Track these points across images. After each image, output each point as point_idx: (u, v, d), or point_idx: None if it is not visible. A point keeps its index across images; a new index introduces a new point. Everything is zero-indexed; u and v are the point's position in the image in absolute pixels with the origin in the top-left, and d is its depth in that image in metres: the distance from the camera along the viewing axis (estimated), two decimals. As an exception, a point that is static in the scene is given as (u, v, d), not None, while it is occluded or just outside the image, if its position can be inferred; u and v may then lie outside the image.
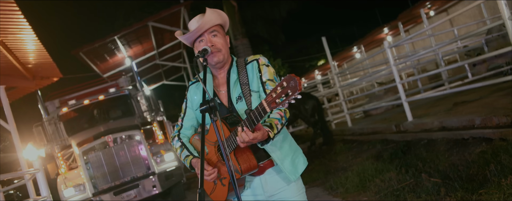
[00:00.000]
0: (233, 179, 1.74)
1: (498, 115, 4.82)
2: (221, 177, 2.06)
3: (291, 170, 2.09)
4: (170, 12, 13.19)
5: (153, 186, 8.09)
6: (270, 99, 1.70)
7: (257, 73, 2.12)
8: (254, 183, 2.14)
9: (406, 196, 4.02)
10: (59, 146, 9.34)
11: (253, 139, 1.81)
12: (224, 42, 2.15)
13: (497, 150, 4.03)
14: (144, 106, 10.09)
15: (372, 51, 25.37)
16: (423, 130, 6.36)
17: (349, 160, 6.96)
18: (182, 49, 18.47)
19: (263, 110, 1.74)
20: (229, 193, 2.02)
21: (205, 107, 1.81)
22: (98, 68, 15.54)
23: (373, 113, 11.28)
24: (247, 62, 2.17)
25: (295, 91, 1.61)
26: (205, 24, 2.08)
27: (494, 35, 8.15)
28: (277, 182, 2.12)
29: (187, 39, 2.16)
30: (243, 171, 1.94)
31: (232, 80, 2.13)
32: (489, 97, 6.74)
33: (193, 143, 2.25)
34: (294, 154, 2.15)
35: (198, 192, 1.61)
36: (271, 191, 2.12)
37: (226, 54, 2.14)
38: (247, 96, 2.07)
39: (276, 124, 1.96)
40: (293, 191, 2.12)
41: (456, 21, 16.09)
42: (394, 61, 7.26)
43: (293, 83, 1.61)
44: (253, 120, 1.80)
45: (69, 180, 8.12)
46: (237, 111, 2.09)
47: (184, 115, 2.28)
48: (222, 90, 2.17)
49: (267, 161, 2.10)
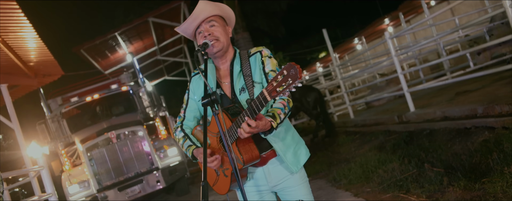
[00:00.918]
0: (236, 169, 1.74)
1: (500, 103, 4.81)
2: (223, 168, 2.07)
3: (293, 162, 2.10)
4: (170, 7, 13.16)
5: (157, 181, 8.13)
6: (271, 88, 1.70)
7: (260, 65, 2.12)
8: (257, 174, 2.15)
9: (409, 186, 4.02)
10: (62, 143, 9.39)
11: (254, 127, 1.81)
12: (223, 31, 2.14)
13: (499, 139, 4.03)
14: (146, 101, 10.12)
15: (373, 42, 25.27)
16: (425, 120, 6.36)
17: (352, 151, 6.97)
18: (183, 44, 18.45)
19: (264, 99, 1.75)
20: (231, 184, 2.03)
21: (207, 100, 1.81)
22: (100, 65, 15.56)
23: (375, 104, 11.27)
24: (250, 54, 2.17)
25: (295, 79, 1.62)
26: (199, 13, 2.10)
27: (495, 23, 8.09)
28: (280, 172, 2.13)
29: (184, 30, 2.18)
30: (245, 161, 1.94)
31: (235, 72, 2.14)
32: (491, 86, 6.72)
33: (196, 135, 2.26)
34: (297, 146, 2.16)
35: (202, 185, 1.62)
36: (275, 181, 2.13)
37: (225, 42, 2.13)
38: (250, 88, 2.08)
39: (279, 114, 1.96)
40: (296, 180, 2.14)
41: (457, 10, 15.99)
42: (395, 51, 7.23)
43: (293, 71, 1.62)
44: (254, 110, 1.80)
45: (74, 176, 8.17)
46: (239, 102, 2.09)
47: (186, 106, 2.29)
48: (225, 82, 2.18)
49: (270, 152, 2.10)
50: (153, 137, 9.23)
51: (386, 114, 8.32)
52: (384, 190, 4.28)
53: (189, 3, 13.82)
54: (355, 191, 4.73)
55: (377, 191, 4.36)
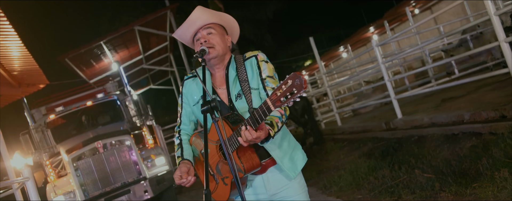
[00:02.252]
0: (237, 178, 1.71)
1: (487, 109, 4.90)
2: (223, 176, 2.04)
3: (290, 167, 2.08)
4: (156, 16, 13.11)
5: (144, 191, 8.00)
6: (275, 97, 1.68)
7: (256, 70, 2.10)
8: (256, 182, 2.12)
9: (401, 192, 4.04)
10: (47, 154, 9.20)
11: (256, 138, 1.79)
12: (220, 40, 2.12)
13: (487, 144, 4.09)
14: (133, 111, 10.00)
15: (358, 50, 25.55)
16: (413, 127, 6.43)
17: (341, 159, 6.99)
18: (169, 53, 18.35)
19: (268, 108, 1.73)
20: (231, 192, 2.01)
21: (207, 107, 1.79)
22: (84, 74, 15.35)
23: (361, 112, 11.37)
24: (245, 58, 2.15)
25: (300, 89, 1.60)
26: (195, 20, 2.09)
27: (477, 32, 8.28)
28: (279, 181, 2.11)
29: (181, 36, 2.17)
30: (246, 169, 1.93)
31: (231, 77, 2.12)
32: (476, 92, 6.85)
33: (194, 143, 2.23)
34: (293, 151, 2.15)
35: (204, 193, 1.59)
36: (274, 189, 2.11)
37: (220, 51, 2.10)
38: (247, 94, 2.06)
39: (277, 122, 1.95)
40: (295, 189, 2.12)
41: (440, 19, 16.30)
42: (382, 59, 7.31)
43: (299, 81, 1.60)
44: (257, 119, 1.78)
45: (59, 187, 7.99)
46: (237, 109, 2.07)
47: (181, 110, 2.28)
48: (221, 88, 2.16)
49: (269, 160, 2.09)
50: (140, 146, 9.10)
51: (373, 121, 8.39)
52: (376, 197, 4.29)
53: (175, 11, 13.80)
54: (347, 198, 4.73)
55: (369, 198, 4.37)
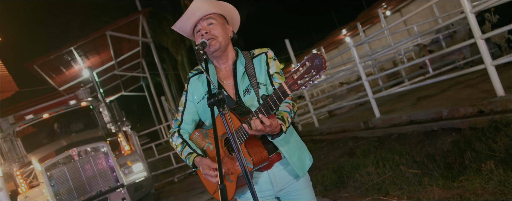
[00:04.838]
0: (246, 172, 1.63)
1: (464, 105, 5.02)
2: (228, 173, 1.97)
3: (299, 166, 2.03)
4: (128, 21, 12.89)
5: (122, 198, 7.81)
6: (291, 81, 1.61)
7: (265, 66, 2.06)
8: (262, 179, 2.06)
9: (388, 188, 4.08)
10: (17, 164, 8.84)
11: (269, 125, 1.72)
12: (222, 30, 2.05)
13: (469, 139, 4.18)
14: (107, 117, 9.76)
15: (331, 53, 25.92)
16: (391, 125, 6.53)
17: (322, 159, 7.01)
18: (141, 58, 18.06)
19: (283, 93, 1.66)
20: (237, 189, 1.94)
21: (213, 100, 1.69)
22: (54, 81, 14.90)
23: (337, 113, 11.48)
24: (254, 56, 2.11)
25: (320, 70, 1.53)
26: (195, 11, 2.02)
27: (450, 31, 8.54)
28: (285, 176, 2.06)
29: (181, 28, 2.09)
30: (255, 163, 1.85)
31: (239, 72, 2.06)
32: (450, 90, 7.03)
33: (194, 140, 2.15)
34: (300, 150, 2.10)
35: (220, 188, 1.52)
36: (281, 185, 2.06)
37: (223, 42, 2.04)
38: (255, 88, 2.01)
39: (287, 118, 1.91)
40: (301, 184, 2.08)
41: (409, 20, 16.77)
42: (359, 59, 7.42)
43: (318, 62, 1.53)
44: (270, 106, 1.71)
45: (31, 198, 7.70)
46: (244, 103, 2.01)
47: (184, 109, 2.17)
48: (227, 82, 2.09)
49: (275, 154, 2.03)
50: (117, 153, 8.88)
51: (351, 121, 8.47)
52: (363, 194, 4.31)
53: (147, 15, 13.60)
54: (333, 197, 4.74)
55: (356, 196, 4.39)
